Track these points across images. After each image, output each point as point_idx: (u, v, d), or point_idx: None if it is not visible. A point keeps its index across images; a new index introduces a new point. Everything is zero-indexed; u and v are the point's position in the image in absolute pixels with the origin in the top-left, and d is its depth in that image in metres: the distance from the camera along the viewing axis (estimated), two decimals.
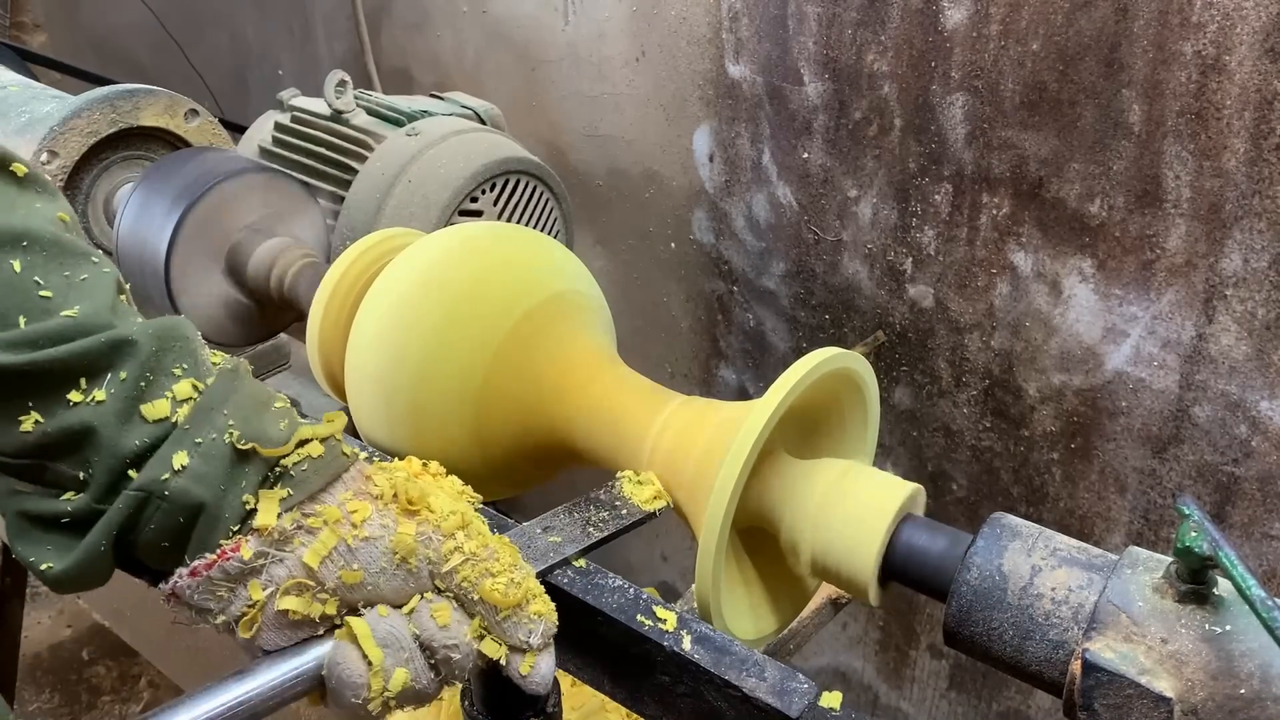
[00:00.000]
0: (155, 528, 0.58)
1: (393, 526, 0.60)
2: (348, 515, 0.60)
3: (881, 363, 1.39)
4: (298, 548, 0.59)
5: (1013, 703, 1.46)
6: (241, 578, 0.58)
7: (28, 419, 0.56)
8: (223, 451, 0.59)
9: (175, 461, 0.57)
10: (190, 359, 0.62)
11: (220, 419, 0.59)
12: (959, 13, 1.15)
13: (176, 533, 0.58)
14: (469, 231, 0.86)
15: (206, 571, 0.58)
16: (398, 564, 0.60)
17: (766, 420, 0.67)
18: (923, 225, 1.28)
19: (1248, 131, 1.00)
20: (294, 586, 0.58)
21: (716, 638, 0.66)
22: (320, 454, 0.61)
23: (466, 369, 0.78)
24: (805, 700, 0.61)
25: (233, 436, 0.59)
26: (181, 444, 0.58)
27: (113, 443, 0.57)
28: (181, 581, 0.58)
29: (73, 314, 0.58)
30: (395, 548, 0.60)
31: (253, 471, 0.59)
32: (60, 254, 0.60)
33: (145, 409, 0.59)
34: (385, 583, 0.60)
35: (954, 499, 1.41)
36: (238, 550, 0.58)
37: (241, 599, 0.58)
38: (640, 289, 1.68)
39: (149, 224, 1.01)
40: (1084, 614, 0.60)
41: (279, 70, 2.26)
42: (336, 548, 0.59)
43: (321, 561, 0.58)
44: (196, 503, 0.58)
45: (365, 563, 0.59)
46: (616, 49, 1.53)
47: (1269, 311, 1.04)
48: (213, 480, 0.58)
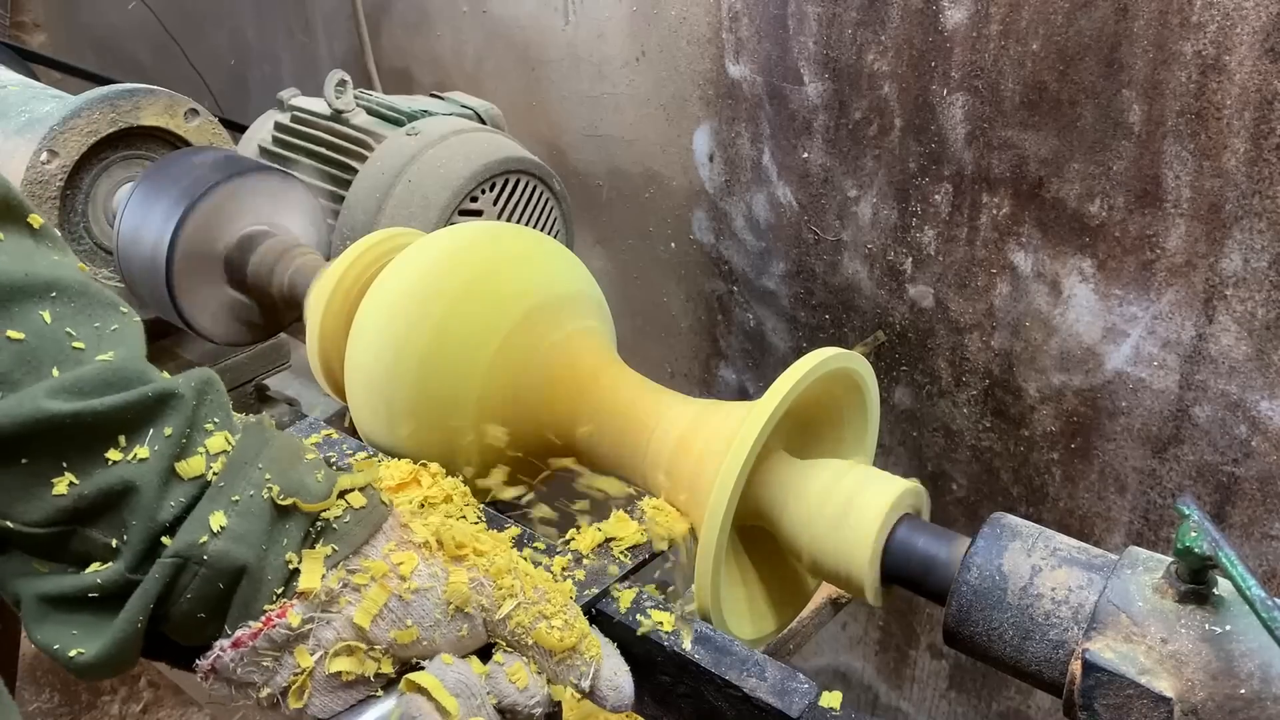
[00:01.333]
0: (193, 596, 0.53)
1: (442, 575, 0.57)
2: (394, 567, 0.56)
3: (881, 363, 1.39)
4: (345, 607, 0.55)
5: (1013, 703, 1.46)
6: (288, 645, 0.54)
7: (61, 481, 0.52)
8: (262, 509, 0.55)
9: (213, 523, 0.53)
10: (222, 411, 0.58)
11: (256, 474, 0.56)
12: (959, 13, 1.15)
13: (216, 600, 0.54)
14: (469, 231, 0.85)
15: (251, 641, 0.54)
16: (452, 615, 0.56)
17: (766, 420, 0.67)
18: (923, 225, 1.28)
19: (1248, 131, 1.00)
20: (344, 649, 0.55)
21: (717, 638, 0.66)
22: (362, 505, 0.58)
23: (466, 369, 0.78)
24: (806, 700, 0.61)
25: (272, 492, 0.55)
26: (218, 502, 0.54)
27: (151, 505, 0.53)
28: (225, 655, 0.54)
29: (109, 358, 0.55)
30: (449, 597, 0.57)
31: (294, 528, 0.56)
32: (89, 304, 0.57)
33: (181, 467, 0.55)
34: (441, 636, 0.56)
35: (954, 499, 1.41)
36: (284, 615, 0.54)
37: (288, 667, 0.54)
38: (640, 289, 1.68)
39: (149, 224, 1.01)
40: (1084, 614, 0.60)
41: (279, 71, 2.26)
42: (387, 604, 0.55)
43: (373, 621, 0.55)
44: (238, 566, 0.53)
45: (419, 617, 0.56)
46: (616, 49, 1.53)
47: (1269, 311, 1.04)
48: (254, 540, 0.54)
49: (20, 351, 0.53)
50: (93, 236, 1.11)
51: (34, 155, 1.03)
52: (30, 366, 0.53)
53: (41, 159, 1.04)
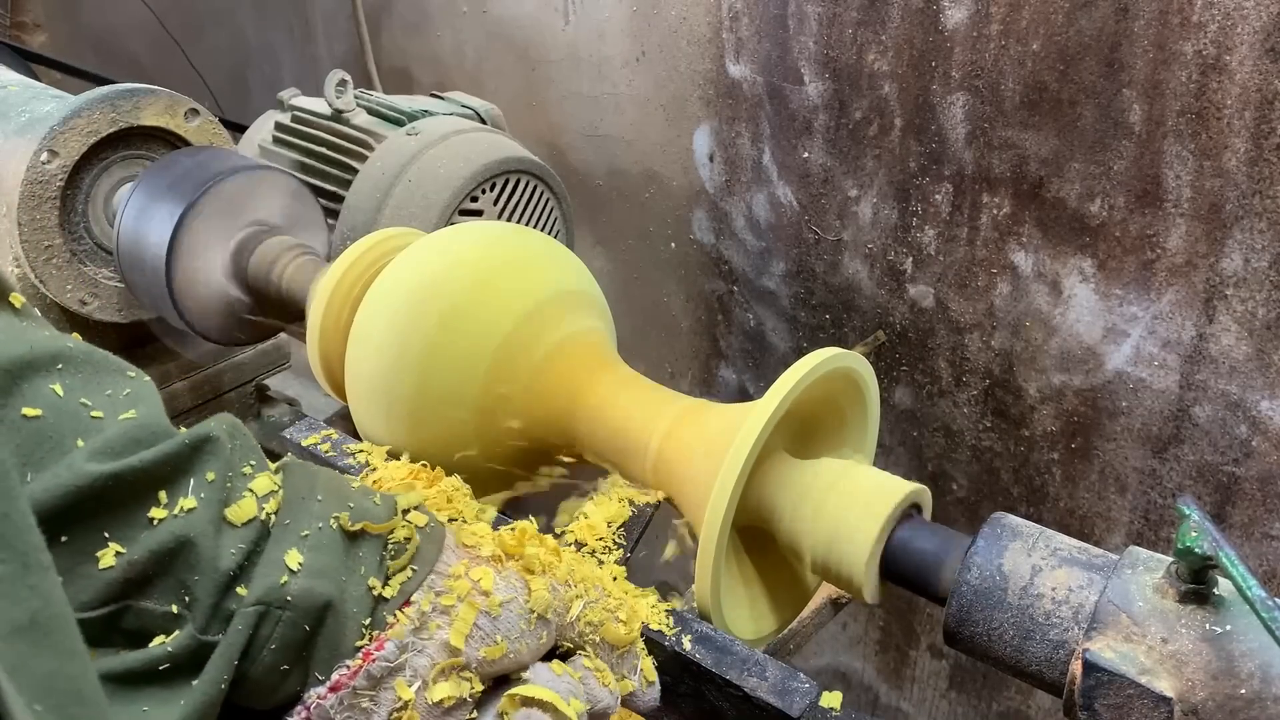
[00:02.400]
0: (277, 646, 0.50)
1: (520, 586, 0.56)
2: (475, 584, 0.55)
3: (882, 362, 1.39)
4: (437, 631, 0.53)
5: (1013, 703, 1.45)
6: (385, 679, 0.52)
7: (106, 553, 0.49)
8: (334, 539, 0.53)
9: (289, 561, 0.50)
10: (255, 454, 0.55)
11: (317, 506, 0.53)
12: (959, 12, 1.15)
13: (300, 646, 0.51)
14: (469, 231, 0.85)
15: (351, 681, 0.51)
16: (534, 623, 0.56)
17: (766, 421, 0.67)
18: (923, 225, 1.28)
19: (1248, 131, 0.99)
20: (440, 673, 0.53)
21: (717, 637, 0.66)
22: (425, 522, 0.57)
23: (467, 368, 0.78)
24: (806, 700, 0.61)
25: (340, 520, 0.53)
26: (287, 541, 0.51)
27: (213, 556, 0.50)
28: (325, 702, 0.50)
29: (131, 417, 0.52)
30: (534, 606, 0.56)
31: (368, 554, 0.53)
32: (96, 371, 0.54)
33: (231, 513, 0.52)
34: (525, 646, 0.55)
35: (954, 499, 1.41)
36: (381, 648, 0.51)
37: (386, 704, 0.51)
38: (640, 289, 1.68)
39: (149, 223, 1.01)
40: (1084, 614, 0.60)
41: (279, 71, 2.26)
42: (477, 621, 0.54)
43: (466, 640, 0.53)
44: (323, 601, 0.50)
45: (506, 631, 0.55)
46: (616, 49, 1.53)
47: (1269, 311, 1.04)
48: (333, 573, 0.51)
49: (39, 429, 0.50)
50: (93, 236, 1.11)
51: (34, 155, 1.03)
52: (53, 443, 0.50)
53: (42, 159, 1.04)
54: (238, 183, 1.02)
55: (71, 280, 1.10)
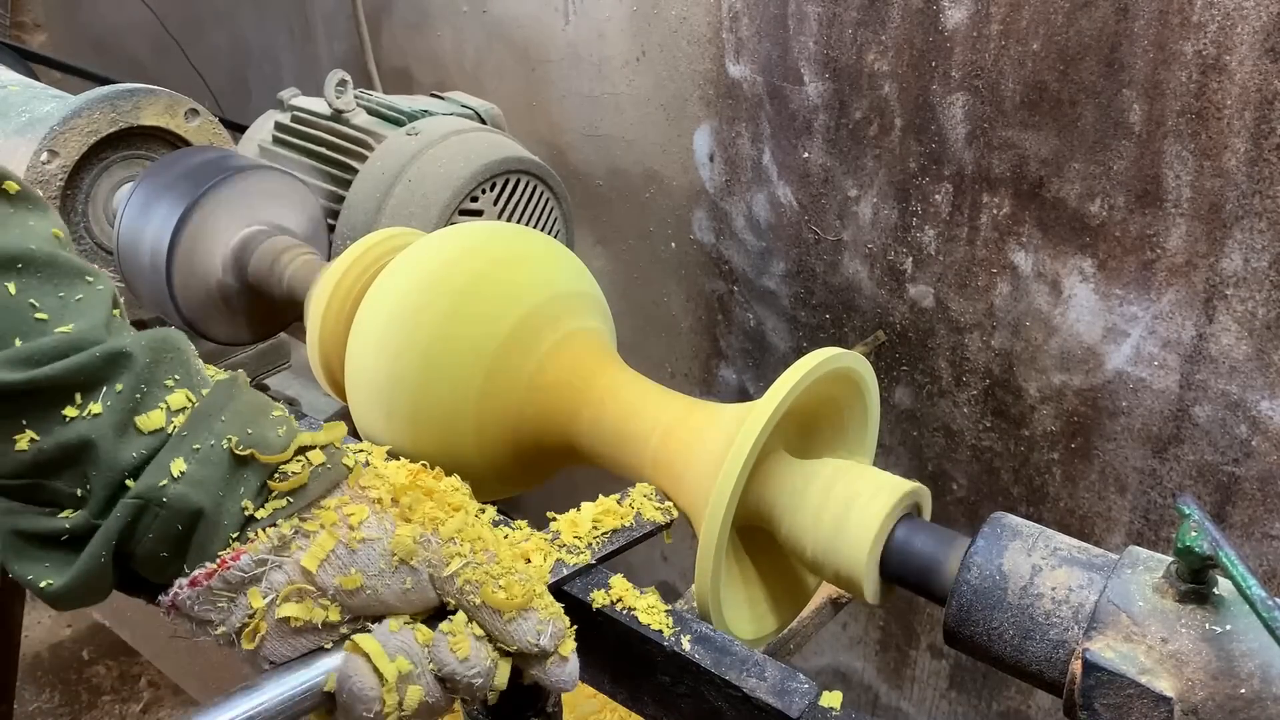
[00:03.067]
0: (154, 537, 0.57)
1: (391, 529, 0.60)
2: (345, 518, 0.59)
3: (882, 362, 1.39)
4: (295, 553, 0.58)
5: (1013, 703, 1.45)
6: (242, 586, 0.58)
7: (23, 438, 0.56)
8: (221, 457, 0.58)
9: (173, 468, 0.57)
10: (183, 369, 0.61)
11: (218, 425, 0.59)
12: (959, 12, 1.15)
13: (175, 541, 0.57)
14: (469, 231, 0.85)
15: (207, 581, 0.57)
16: (396, 566, 0.59)
17: (766, 420, 0.67)
18: (923, 225, 1.28)
19: (1248, 131, 1.00)
20: (294, 593, 0.58)
21: (716, 638, 0.66)
22: (321, 462, 0.61)
23: (467, 368, 0.78)
24: (806, 700, 0.61)
25: (230, 443, 0.59)
26: (179, 451, 0.58)
27: (111, 456, 0.57)
28: (182, 593, 0.57)
29: (67, 330, 0.58)
30: (394, 549, 0.59)
31: (251, 478, 0.59)
32: (55, 274, 0.60)
33: (140, 420, 0.58)
34: (385, 587, 0.59)
35: (954, 499, 1.41)
36: (238, 558, 0.57)
37: (242, 609, 0.58)
38: (640, 289, 1.68)
39: (150, 223, 1.01)
40: (1084, 614, 0.60)
41: (279, 70, 2.26)
42: (334, 551, 0.58)
43: (320, 565, 0.58)
44: (195, 509, 0.57)
45: (364, 565, 0.58)
46: (617, 49, 1.53)
47: (1269, 311, 1.04)
48: (211, 486, 0.58)
49: None
50: (93, 236, 1.11)
51: (34, 155, 1.03)
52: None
53: (42, 159, 1.04)
54: (238, 183, 1.02)
55: None
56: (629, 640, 0.67)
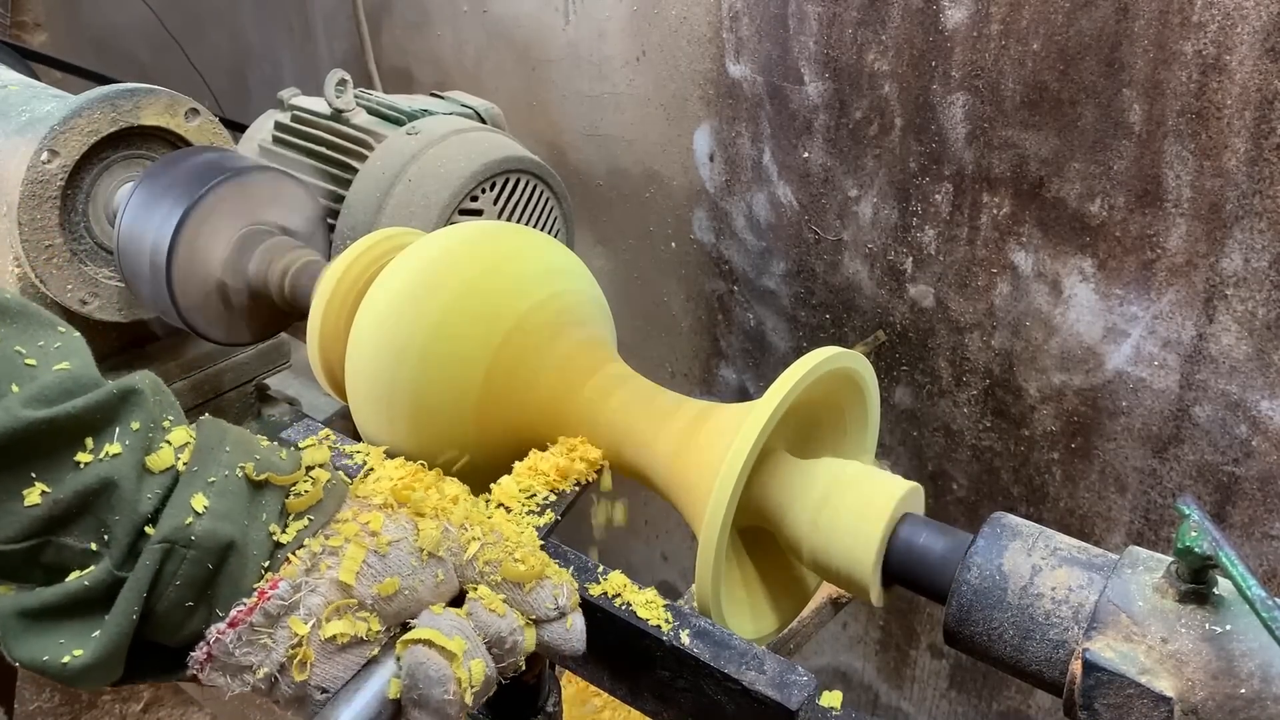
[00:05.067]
0: (181, 583, 0.53)
1: (410, 527, 0.60)
2: (364, 526, 0.59)
3: (882, 362, 1.39)
4: (328, 571, 0.57)
5: (1013, 702, 1.46)
6: (282, 616, 0.55)
7: (33, 491, 0.52)
8: (239, 487, 0.57)
9: (195, 504, 0.54)
10: (174, 409, 0.60)
11: (226, 456, 0.58)
12: (959, 12, 1.15)
13: (203, 583, 0.54)
14: (469, 231, 0.85)
15: (248, 617, 0.54)
16: (426, 561, 0.59)
17: (766, 420, 0.67)
18: (923, 225, 1.28)
19: (1248, 131, 1.00)
20: (334, 611, 0.56)
21: (716, 632, 0.66)
22: (329, 478, 0.61)
23: (467, 368, 0.78)
24: (805, 693, 0.61)
25: (246, 470, 0.57)
26: (195, 486, 0.55)
27: (133, 498, 0.54)
28: (223, 638, 0.54)
29: (65, 368, 0.56)
30: (422, 544, 0.59)
31: (271, 502, 0.58)
32: (30, 324, 0.58)
33: (150, 460, 0.56)
34: (420, 584, 0.59)
35: (954, 499, 1.41)
36: (276, 587, 0.55)
37: (283, 641, 0.55)
38: (640, 289, 1.68)
39: (150, 223, 1.01)
40: (1084, 614, 0.60)
41: (279, 70, 2.26)
42: (366, 560, 0.58)
43: (356, 577, 0.57)
44: (225, 542, 0.54)
45: (396, 568, 0.58)
46: (617, 48, 1.53)
47: (1269, 311, 1.04)
48: (236, 517, 0.56)
49: None
50: (93, 236, 1.11)
51: (34, 155, 1.03)
52: None
53: (42, 158, 1.04)
54: (238, 183, 1.02)
55: (72, 280, 1.10)
56: (628, 635, 0.67)
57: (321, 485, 0.60)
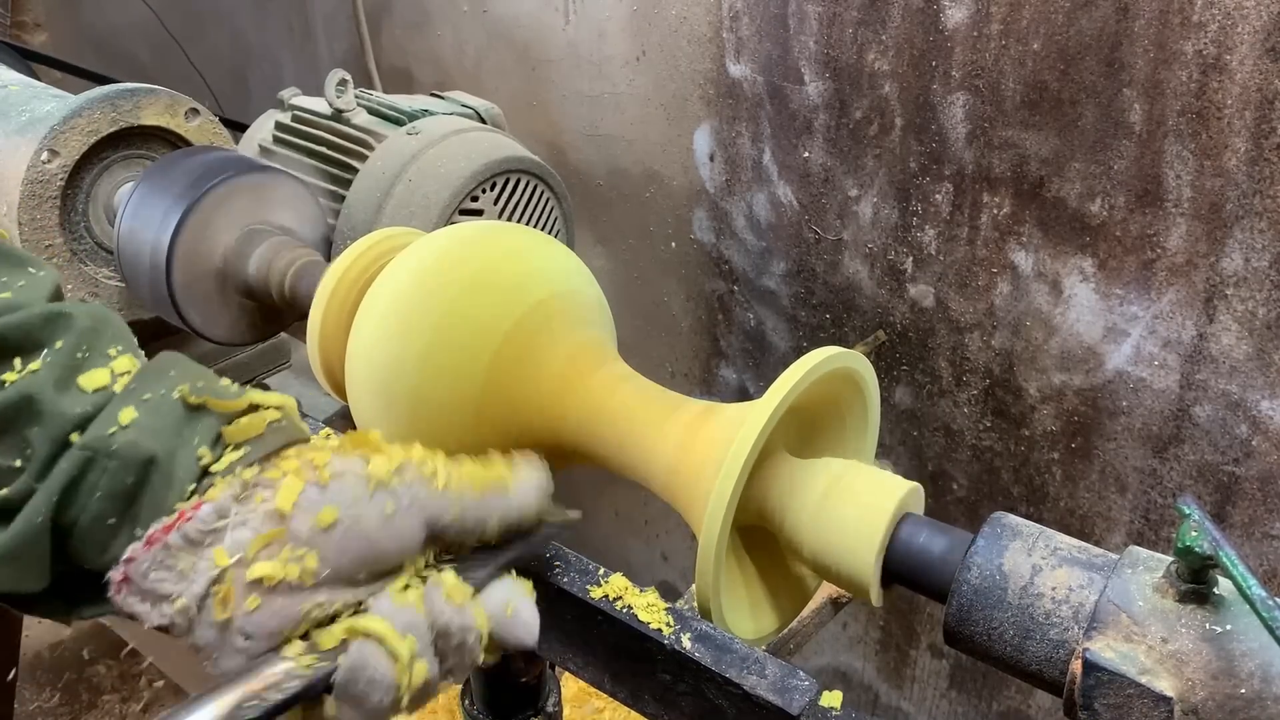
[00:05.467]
0: (101, 494, 0.52)
1: (359, 462, 0.55)
2: (308, 463, 0.54)
3: (882, 362, 1.39)
4: (261, 505, 0.52)
5: (1013, 702, 1.45)
6: (204, 544, 0.51)
7: None
8: (173, 406, 0.54)
9: (122, 417, 0.53)
10: (125, 341, 0.58)
11: (169, 380, 0.55)
12: (960, 12, 1.15)
13: (125, 498, 0.52)
14: (469, 231, 0.85)
15: (165, 536, 0.51)
16: (374, 491, 0.54)
17: (766, 420, 0.67)
18: (923, 225, 1.28)
19: (1249, 131, 0.99)
20: (262, 546, 0.51)
21: (717, 635, 0.66)
22: (277, 419, 0.57)
23: (467, 368, 0.78)
24: (806, 698, 0.61)
25: (182, 391, 0.55)
26: (127, 401, 0.54)
27: (54, 411, 0.53)
28: (137, 558, 0.51)
29: (6, 296, 0.56)
30: (370, 473, 0.54)
31: (205, 427, 0.55)
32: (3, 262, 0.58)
33: (83, 379, 0.54)
34: (365, 515, 0.53)
35: (954, 499, 1.41)
36: (199, 509, 0.51)
37: (206, 572, 0.50)
38: (640, 288, 1.68)
39: (150, 223, 1.01)
40: (1084, 613, 0.60)
41: (279, 70, 2.26)
42: (304, 493, 0.52)
43: (294, 506, 0.52)
44: (146, 456, 0.52)
45: (338, 497, 0.53)
46: (617, 48, 1.53)
47: (1270, 311, 1.04)
48: (163, 433, 0.53)
49: None
50: (93, 236, 1.11)
51: (35, 155, 1.03)
52: None
53: (42, 158, 1.04)
54: (238, 183, 1.02)
55: (72, 280, 1.10)
56: (629, 639, 0.67)
57: (266, 421, 0.56)
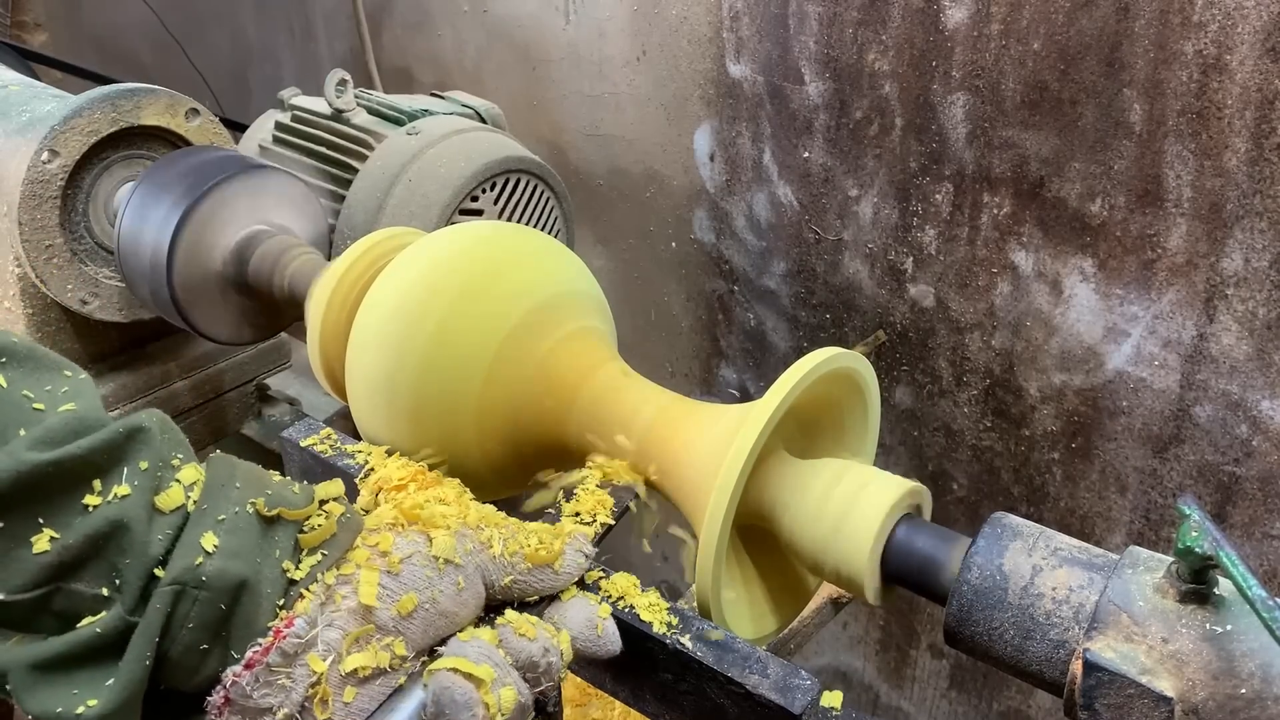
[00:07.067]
0: (195, 625, 0.52)
1: (421, 540, 0.58)
2: (374, 549, 0.57)
3: (882, 362, 1.39)
4: (343, 602, 0.55)
5: (1013, 702, 1.46)
6: (299, 654, 0.53)
7: (40, 538, 0.50)
8: (250, 523, 0.55)
9: (205, 544, 0.52)
10: (183, 447, 0.58)
11: (236, 493, 0.56)
12: (960, 12, 1.15)
13: (217, 624, 0.53)
14: (469, 231, 0.85)
15: (265, 658, 0.52)
16: (443, 568, 0.57)
17: (767, 420, 0.67)
18: (924, 225, 1.28)
19: (1249, 131, 0.99)
20: (353, 642, 0.54)
21: (718, 635, 0.66)
22: (343, 511, 0.59)
23: (467, 368, 0.78)
24: (808, 697, 0.61)
25: (256, 505, 0.55)
26: (204, 525, 0.53)
27: (144, 539, 0.52)
28: (239, 680, 0.52)
29: (72, 408, 0.54)
30: (436, 552, 0.58)
31: (283, 538, 0.56)
32: (37, 367, 0.56)
33: (160, 500, 0.54)
34: (440, 594, 0.57)
35: (954, 499, 1.41)
36: (292, 624, 0.53)
37: (302, 680, 0.53)
38: (641, 288, 1.68)
39: (150, 223, 1.01)
40: (1085, 614, 0.60)
41: (280, 70, 2.26)
42: (380, 583, 0.55)
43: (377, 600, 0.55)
44: (237, 581, 0.52)
45: (412, 582, 0.56)
46: (617, 48, 1.53)
47: (1270, 311, 1.04)
48: (248, 554, 0.54)
49: None
50: (94, 236, 1.11)
51: (35, 155, 1.03)
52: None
53: (42, 158, 1.04)
54: (238, 183, 1.02)
55: (72, 280, 1.10)
56: (631, 638, 0.67)
57: (335, 519, 0.58)
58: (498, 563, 0.60)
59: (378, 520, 0.60)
